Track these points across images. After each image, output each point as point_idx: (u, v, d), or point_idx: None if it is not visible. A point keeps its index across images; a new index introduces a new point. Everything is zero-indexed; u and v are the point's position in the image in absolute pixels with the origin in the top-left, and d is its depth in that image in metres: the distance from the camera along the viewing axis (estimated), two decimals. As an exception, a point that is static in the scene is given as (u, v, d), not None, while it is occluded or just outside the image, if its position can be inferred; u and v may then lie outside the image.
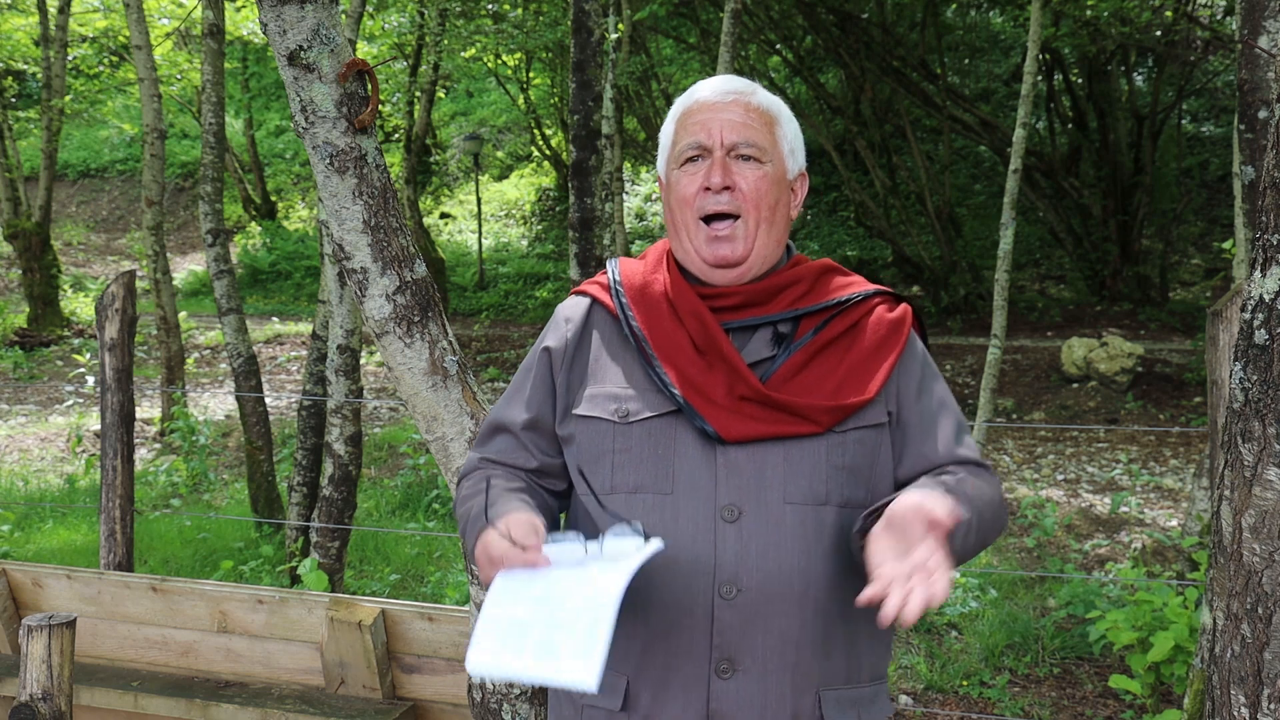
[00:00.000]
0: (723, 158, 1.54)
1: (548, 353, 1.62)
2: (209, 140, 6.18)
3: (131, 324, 3.65)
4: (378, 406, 10.58)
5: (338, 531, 4.81)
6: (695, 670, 1.46)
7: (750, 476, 1.47)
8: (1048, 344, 12.12)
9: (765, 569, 1.45)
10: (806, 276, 1.59)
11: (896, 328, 1.58)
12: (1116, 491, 7.37)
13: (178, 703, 2.57)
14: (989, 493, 1.53)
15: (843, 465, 1.49)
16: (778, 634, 1.46)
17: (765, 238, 1.56)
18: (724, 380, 1.50)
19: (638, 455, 1.50)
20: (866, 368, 1.54)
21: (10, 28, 14.68)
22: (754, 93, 1.59)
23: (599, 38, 4.33)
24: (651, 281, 1.60)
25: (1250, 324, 1.64)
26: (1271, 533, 1.61)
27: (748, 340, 1.55)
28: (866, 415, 1.52)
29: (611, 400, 1.54)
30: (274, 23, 1.80)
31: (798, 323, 1.57)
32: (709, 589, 1.45)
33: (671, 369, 1.52)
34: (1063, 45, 12.50)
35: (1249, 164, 3.34)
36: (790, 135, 1.60)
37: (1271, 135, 1.64)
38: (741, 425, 1.47)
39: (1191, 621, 3.57)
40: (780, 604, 1.46)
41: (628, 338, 1.57)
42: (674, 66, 15.93)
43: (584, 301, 1.65)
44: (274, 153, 22.45)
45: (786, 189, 1.60)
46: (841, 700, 1.51)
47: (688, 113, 1.59)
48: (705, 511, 1.46)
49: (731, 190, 1.54)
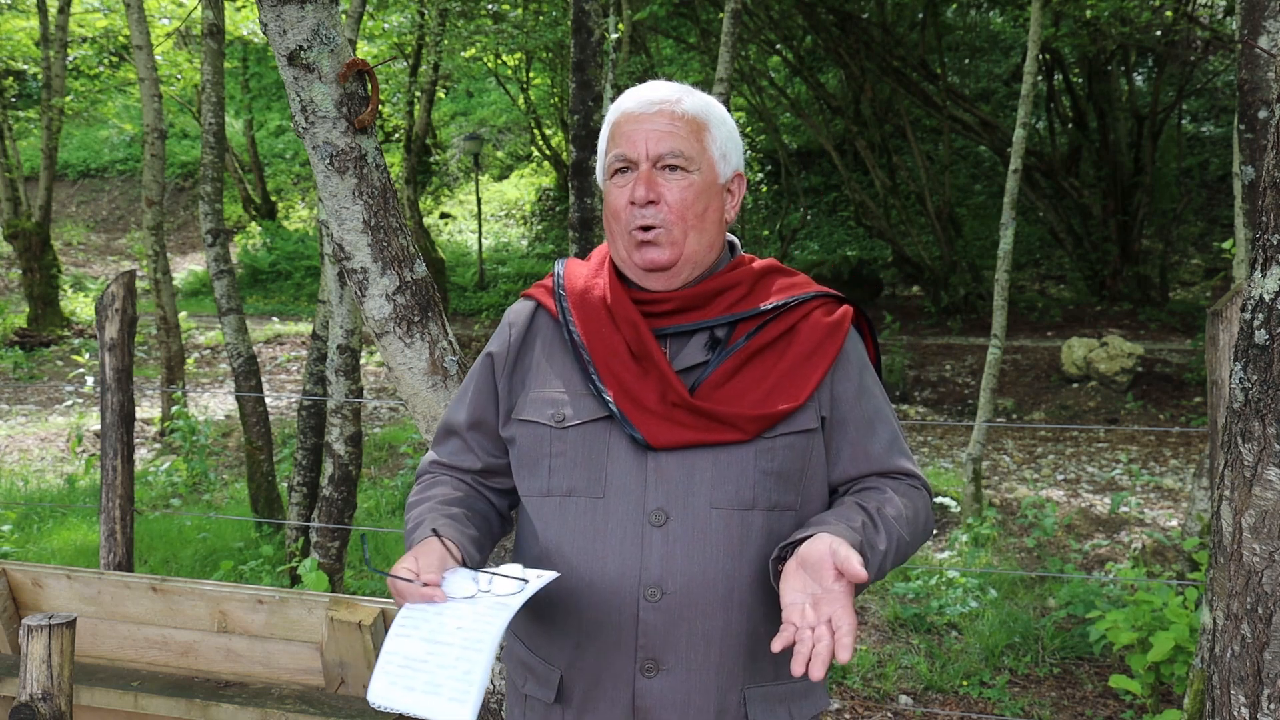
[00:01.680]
0: (648, 170, 1.55)
1: (490, 358, 1.67)
2: (209, 140, 6.18)
3: (131, 324, 3.64)
4: (378, 406, 10.58)
5: (338, 531, 4.81)
6: (622, 668, 1.51)
7: (678, 482, 1.51)
8: (1048, 344, 12.13)
9: (690, 572, 1.49)
10: (746, 279, 1.61)
11: (833, 332, 1.59)
12: (1116, 491, 7.37)
13: (178, 703, 2.57)
14: (912, 508, 1.56)
15: (771, 470, 1.52)
16: (701, 635, 1.50)
17: (695, 243, 1.57)
18: (656, 387, 1.53)
19: (572, 459, 1.54)
20: (799, 374, 1.55)
21: (10, 28, 14.68)
22: (680, 100, 1.58)
23: (599, 38, 4.33)
24: (592, 286, 1.63)
25: (1250, 324, 1.64)
26: (1271, 533, 1.61)
27: (684, 345, 1.58)
28: (797, 421, 1.54)
29: (549, 405, 1.58)
30: (274, 23, 1.80)
31: (734, 327, 1.58)
32: (635, 591, 1.50)
33: (607, 375, 1.55)
34: (1063, 45, 12.50)
35: (1249, 164, 3.34)
36: (721, 139, 1.60)
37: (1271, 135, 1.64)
38: (670, 432, 1.50)
39: (1191, 621, 3.57)
40: (704, 606, 1.50)
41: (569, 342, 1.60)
42: (674, 66, 15.93)
43: (529, 305, 1.69)
44: (274, 153, 22.45)
45: (718, 193, 1.60)
46: (769, 697, 1.55)
47: (617, 124, 1.60)
48: (634, 516, 1.50)
49: (656, 203, 1.55)
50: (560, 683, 1.56)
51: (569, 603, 1.53)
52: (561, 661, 1.56)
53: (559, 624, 1.54)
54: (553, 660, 1.57)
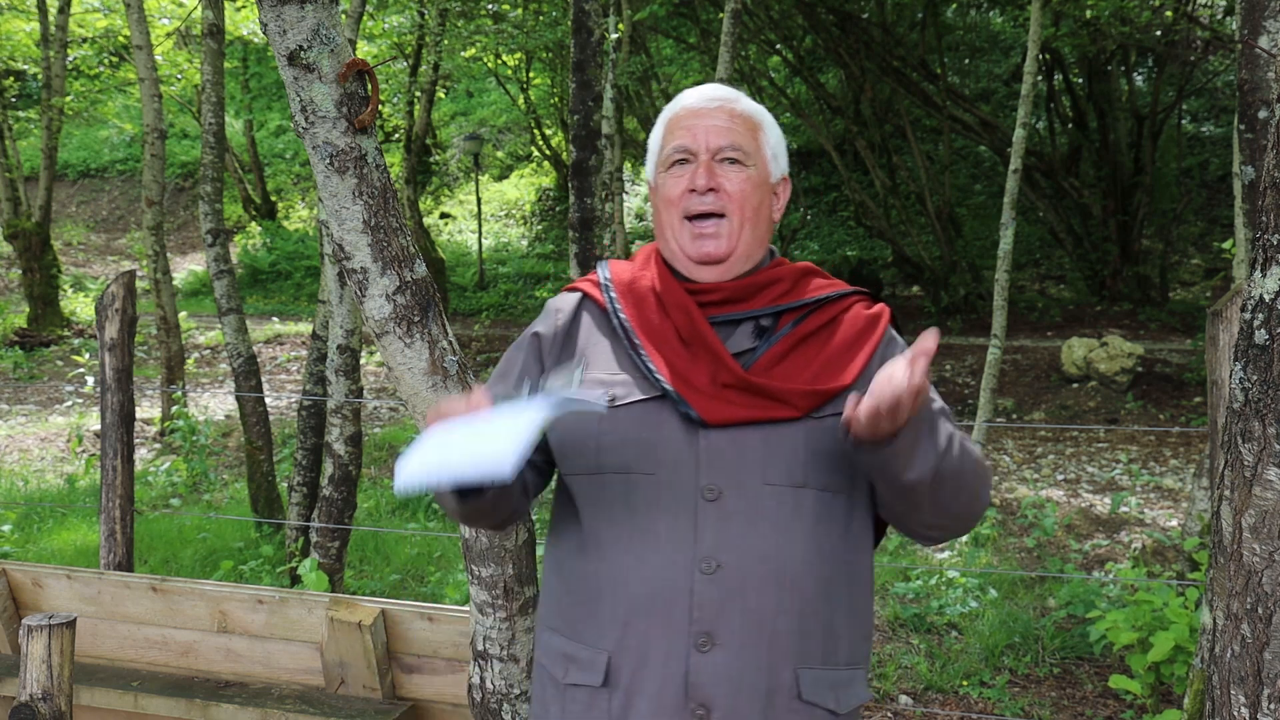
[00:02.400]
0: (708, 161, 1.61)
1: (538, 337, 1.69)
2: (209, 140, 6.18)
3: (131, 324, 3.64)
4: (378, 406, 10.58)
5: (338, 531, 4.81)
6: (674, 645, 1.51)
7: (730, 459, 1.53)
8: (1048, 344, 12.12)
9: (744, 546, 1.51)
10: (788, 277, 1.66)
11: (873, 322, 1.65)
12: (1116, 491, 7.37)
13: (178, 703, 2.57)
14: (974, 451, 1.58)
15: (821, 450, 1.54)
16: (755, 610, 1.51)
17: (749, 237, 1.63)
18: (707, 369, 1.56)
19: (623, 437, 1.56)
20: (845, 357, 1.60)
21: (10, 28, 14.68)
22: (738, 100, 1.66)
23: (599, 38, 4.33)
24: (640, 278, 1.67)
25: (1250, 324, 1.64)
26: (1271, 533, 1.61)
27: (730, 334, 1.62)
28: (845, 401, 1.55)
29: (599, 386, 1.60)
30: (274, 23, 1.80)
31: (778, 318, 1.63)
32: (689, 564, 1.50)
33: (657, 357, 1.58)
34: (1063, 45, 12.50)
35: (1249, 164, 3.34)
36: (773, 141, 1.67)
37: (1271, 135, 1.64)
38: (723, 409, 1.53)
39: (1191, 621, 3.57)
40: (758, 582, 1.51)
41: (616, 329, 1.64)
42: (674, 66, 15.93)
43: (574, 296, 1.72)
44: (274, 153, 22.45)
45: (769, 192, 1.66)
46: (819, 680, 1.55)
47: (675, 119, 1.66)
48: (687, 491, 1.52)
49: (716, 191, 1.60)
50: (608, 665, 1.54)
51: (618, 580, 1.52)
52: (609, 643, 1.54)
53: (606, 605, 1.54)
54: (599, 644, 1.55)
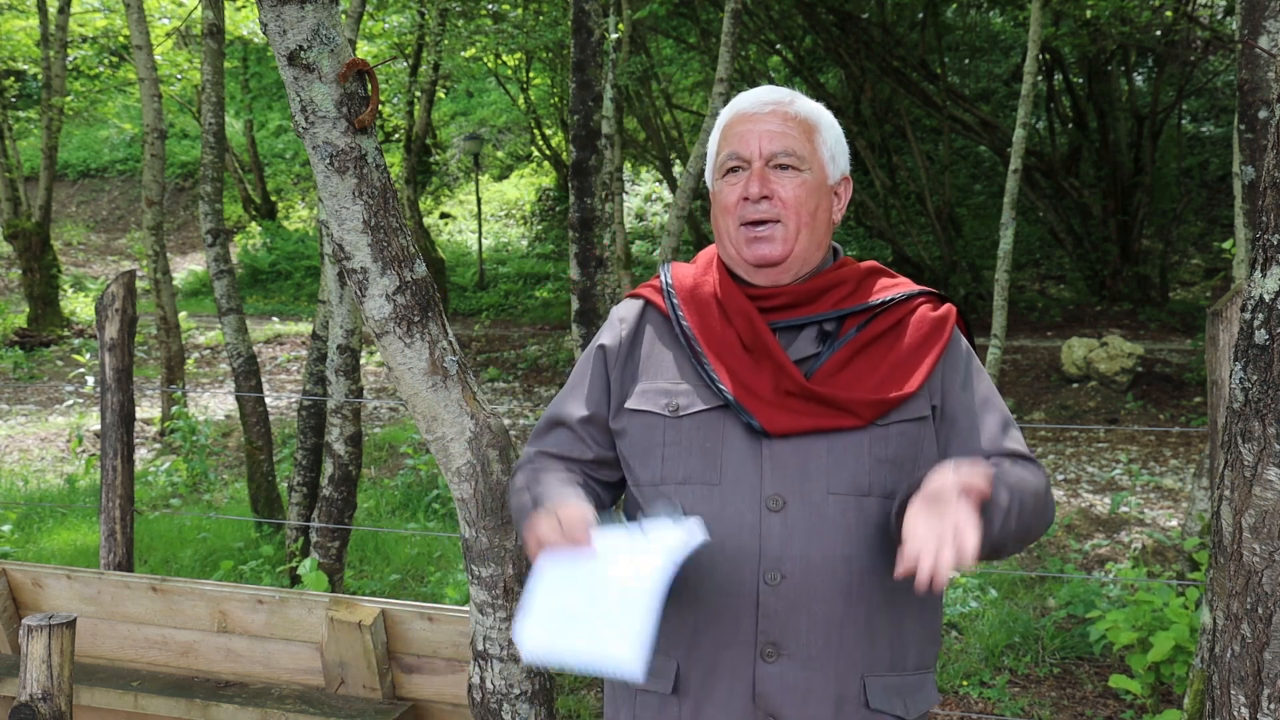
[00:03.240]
0: (761, 168, 1.59)
1: (603, 350, 1.69)
2: (209, 140, 6.18)
3: (131, 324, 3.64)
4: (378, 406, 10.58)
5: (338, 531, 4.81)
6: (741, 654, 1.51)
7: (795, 468, 1.52)
8: (1048, 344, 12.12)
9: (809, 556, 1.50)
10: (852, 278, 1.65)
11: (939, 325, 1.63)
12: (1116, 491, 7.37)
13: (178, 703, 2.57)
14: (1032, 482, 1.55)
15: (885, 458, 1.53)
16: (822, 620, 1.50)
17: (806, 241, 1.61)
18: (770, 377, 1.56)
19: (687, 448, 1.56)
20: (909, 363, 1.58)
21: (10, 28, 14.67)
22: (792, 102, 1.64)
23: (599, 38, 4.32)
24: (701, 284, 1.67)
25: (1250, 324, 1.64)
26: (1271, 533, 1.61)
27: (794, 339, 1.61)
28: (909, 409, 1.56)
29: (663, 395, 1.60)
30: (274, 23, 1.80)
31: (842, 322, 1.62)
32: (754, 575, 1.50)
33: (720, 366, 1.57)
34: (1063, 45, 12.50)
35: (1249, 164, 3.34)
36: (831, 141, 1.65)
37: (1271, 135, 1.64)
38: (786, 419, 1.52)
39: (1191, 621, 3.57)
40: (824, 591, 1.50)
41: (679, 337, 1.63)
42: (674, 66, 15.92)
43: (637, 303, 1.72)
44: (274, 153, 22.44)
45: (827, 194, 1.64)
46: (887, 688, 1.55)
47: (729, 125, 1.64)
48: (751, 501, 1.51)
49: (770, 199, 1.59)
50: (677, 673, 1.55)
51: (685, 590, 1.52)
52: (678, 651, 1.55)
53: (675, 613, 1.53)
54: (668, 651, 1.55)
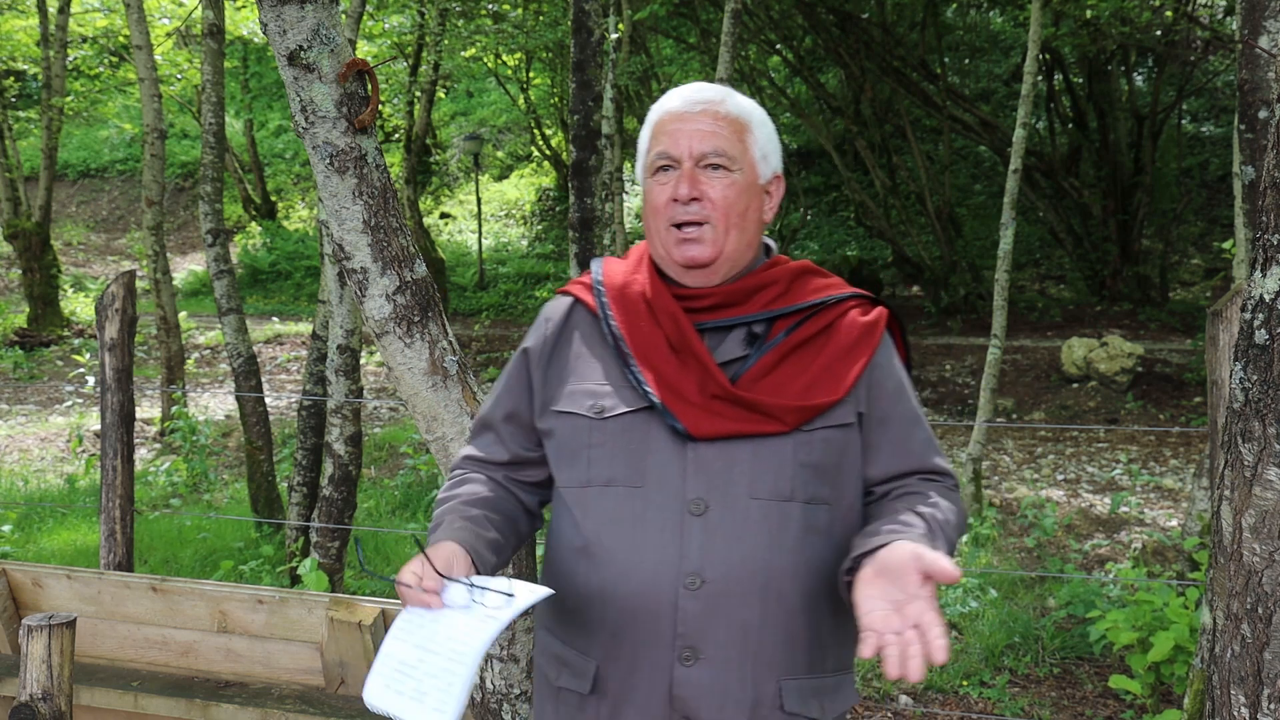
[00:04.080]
0: (691, 169, 1.58)
1: (526, 353, 1.69)
2: (209, 140, 6.18)
3: (131, 324, 3.64)
4: (378, 406, 10.58)
5: (338, 531, 4.81)
6: (660, 657, 1.52)
7: (718, 472, 1.52)
8: (1048, 344, 12.12)
9: (729, 561, 1.50)
10: (783, 278, 1.64)
11: (870, 331, 1.62)
12: (1116, 491, 7.37)
13: (178, 703, 2.57)
14: (956, 513, 1.58)
15: (809, 463, 1.53)
16: (740, 624, 1.51)
17: (735, 242, 1.60)
18: (696, 379, 1.55)
19: (611, 450, 1.56)
20: (837, 369, 1.57)
21: (10, 28, 14.67)
22: (724, 101, 1.61)
23: (599, 38, 4.32)
24: (631, 282, 1.65)
25: (1250, 324, 1.64)
26: (1271, 533, 1.61)
27: (722, 340, 1.60)
28: (835, 415, 1.56)
29: (588, 396, 1.59)
30: (274, 23, 1.80)
31: (772, 324, 1.61)
32: (674, 579, 1.50)
33: (647, 368, 1.57)
34: (1063, 45, 12.49)
35: (1249, 164, 3.34)
36: (762, 140, 1.63)
37: (1271, 135, 1.64)
38: (710, 423, 1.52)
39: (1192, 621, 3.57)
40: (743, 595, 1.51)
41: (606, 337, 1.62)
42: (674, 66, 15.92)
43: (566, 301, 1.71)
44: (274, 153, 22.44)
45: (758, 194, 1.63)
46: (804, 690, 1.55)
47: (660, 123, 1.62)
48: (673, 505, 1.52)
49: (700, 200, 1.57)
50: (596, 673, 1.56)
51: (606, 592, 1.53)
52: (598, 652, 1.56)
53: (595, 614, 1.55)
54: (589, 652, 1.57)
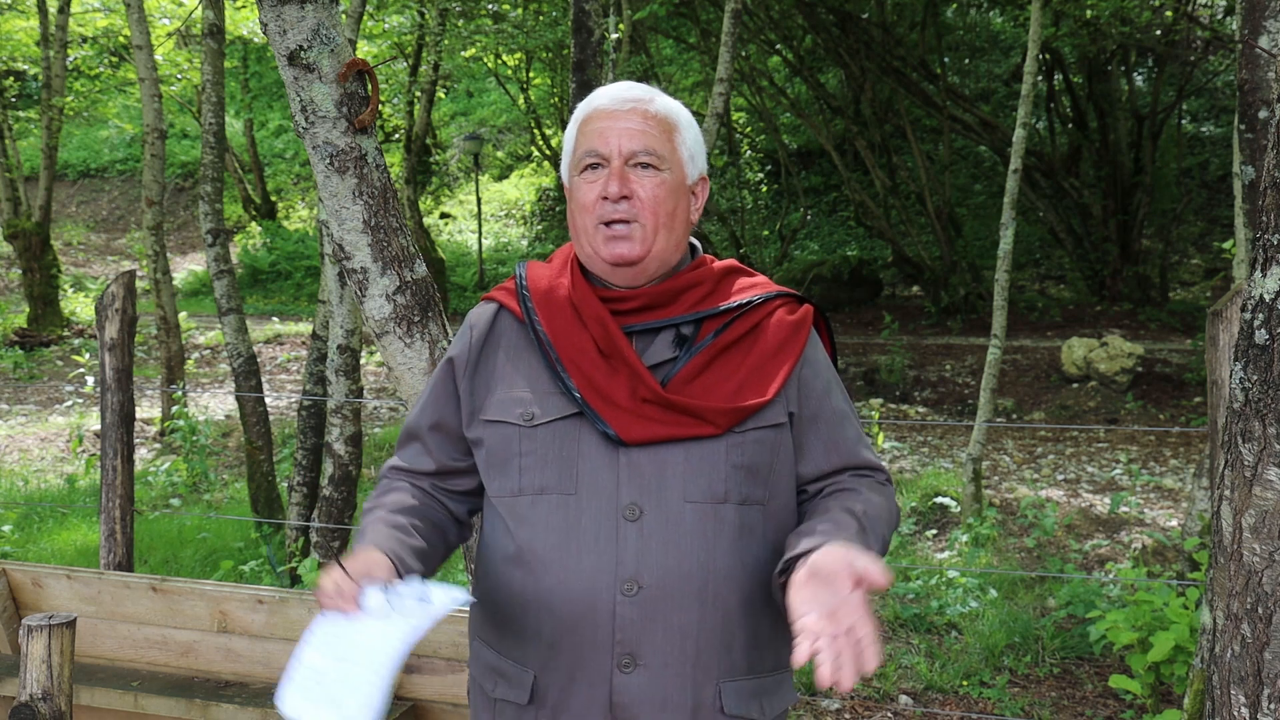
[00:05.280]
0: (620, 167, 1.56)
1: (450, 363, 1.67)
2: (209, 140, 6.18)
3: (131, 324, 3.64)
4: (378, 406, 10.58)
5: (338, 531, 4.81)
6: (598, 664, 1.51)
7: (651, 476, 1.52)
8: (1048, 344, 12.12)
9: (665, 565, 1.50)
10: (709, 279, 1.63)
11: (797, 329, 1.62)
12: (1116, 491, 7.37)
13: (178, 703, 2.57)
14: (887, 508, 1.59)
15: (742, 464, 1.53)
16: (678, 629, 1.50)
17: (664, 241, 1.59)
18: (626, 383, 1.54)
19: (543, 457, 1.54)
20: (766, 369, 1.57)
21: (10, 28, 14.67)
22: (652, 100, 1.61)
23: (599, 38, 4.33)
24: (557, 286, 1.63)
25: (1250, 324, 1.64)
26: (1271, 533, 1.61)
27: (650, 343, 1.59)
28: (766, 416, 1.56)
29: (517, 404, 1.58)
30: (274, 23, 1.80)
31: (700, 325, 1.60)
32: (611, 585, 1.49)
33: (575, 372, 1.55)
34: (1063, 45, 12.50)
35: (1249, 164, 3.34)
36: (690, 141, 1.62)
37: (1271, 135, 1.64)
38: (642, 427, 1.51)
39: (1192, 621, 3.57)
40: (680, 599, 1.50)
41: (534, 342, 1.61)
42: (674, 66, 15.93)
43: (491, 308, 1.68)
44: (274, 153, 22.45)
45: (686, 194, 1.62)
46: (742, 691, 1.55)
47: (587, 120, 1.61)
48: (608, 511, 1.51)
49: (629, 199, 1.56)
50: (534, 684, 1.55)
51: (542, 601, 1.52)
52: (535, 662, 1.55)
53: (531, 624, 1.54)
54: (525, 662, 1.56)
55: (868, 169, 14.49)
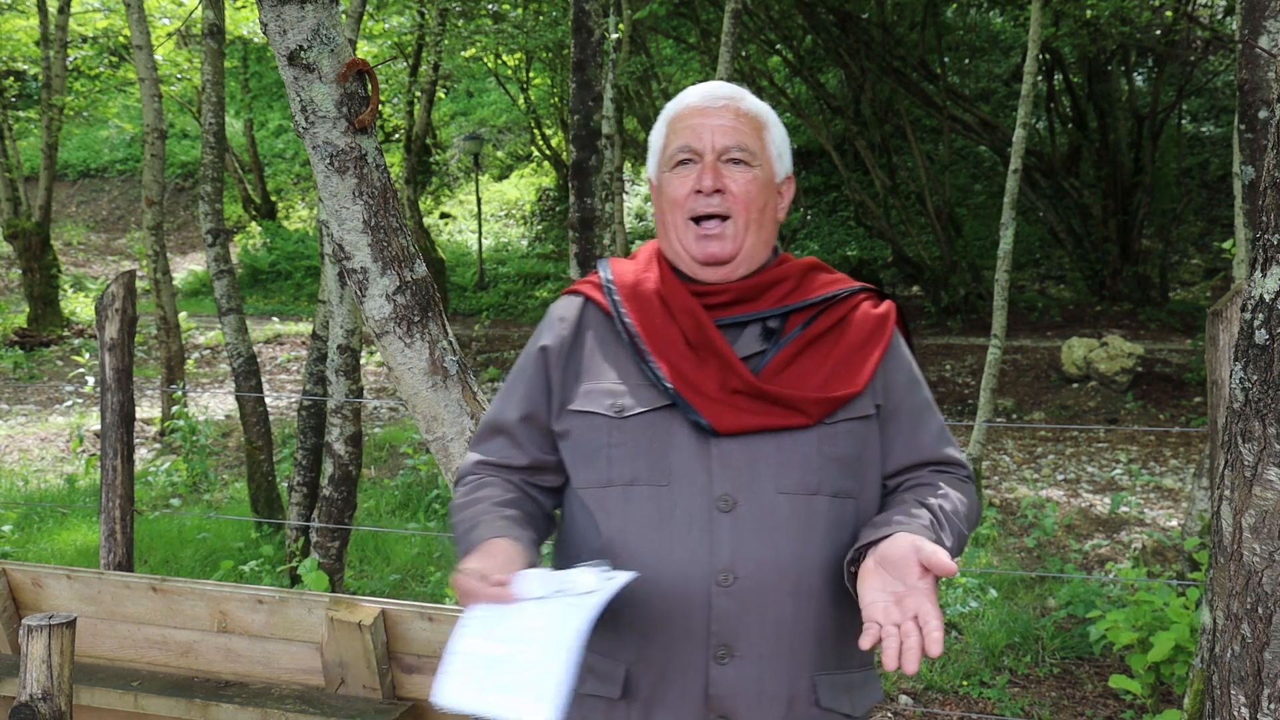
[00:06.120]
0: (713, 161, 1.58)
1: (544, 351, 1.65)
2: (209, 140, 6.18)
3: (131, 324, 3.64)
4: (378, 406, 10.58)
5: (338, 531, 4.81)
6: (693, 656, 1.49)
7: (743, 467, 1.51)
8: (1048, 344, 12.12)
9: (760, 557, 1.49)
10: (793, 274, 1.64)
11: (882, 323, 1.62)
12: (1116, 491, 7.37)
13: (178, 703, 2.57)
14: (966, 503, 1.58)
15: (834, 456, 1.53)
16: (773, 620, 1.49)
17: (754, 238, 1.60)
18: (716, 374, 1.54)
19: (633, 449, 1.53)
20: (854, 361, 1.57)
21: (10, 28, 14.67)
22: (743, 98, 1.63)
23: (599, 38, 4.33)
24: (643, 279, 1.64)
25: (1250, 324, 1.64)
26: (1271, 533, 1.61)
27: (738, 336, 1.59)
28: (855, 407, 1.56)
29: (607, 396, 1.57)
30: (274, 23, 1.80)
31: (786, 319, 1.60)
32: (706, 577, 1.48)
33: (664, 364, 1.55)
34: (1063, 45, 12.50)
35: (1249, 164, 3.34)
36: (778, 140, 1.64)
37: (1271, 135, 1.64)
38: (734, 417, 1.51)
39: (1192, 621, 3.57)
40: (775, 591, 1.49)
41: (621, 334, 1.60)
42: (674, 66, 15.92)
43: (577, 300, 1.68)
44: (274, 153, 22.44)
45: (774, 192, 1.64)
46: (835, 685, 1.55)
47: (678, 117, 1.63)
48: (701, 502, 1.50)
49: (722, 193, 1.57)
50: (626, 677, 1.53)
51: (634, 594, 1.50)
52: (627, 656, 1.53)
53: (623, 617, 1.51)
54: (616, 655, 1.54)
55: (868, 169, 14.49)
